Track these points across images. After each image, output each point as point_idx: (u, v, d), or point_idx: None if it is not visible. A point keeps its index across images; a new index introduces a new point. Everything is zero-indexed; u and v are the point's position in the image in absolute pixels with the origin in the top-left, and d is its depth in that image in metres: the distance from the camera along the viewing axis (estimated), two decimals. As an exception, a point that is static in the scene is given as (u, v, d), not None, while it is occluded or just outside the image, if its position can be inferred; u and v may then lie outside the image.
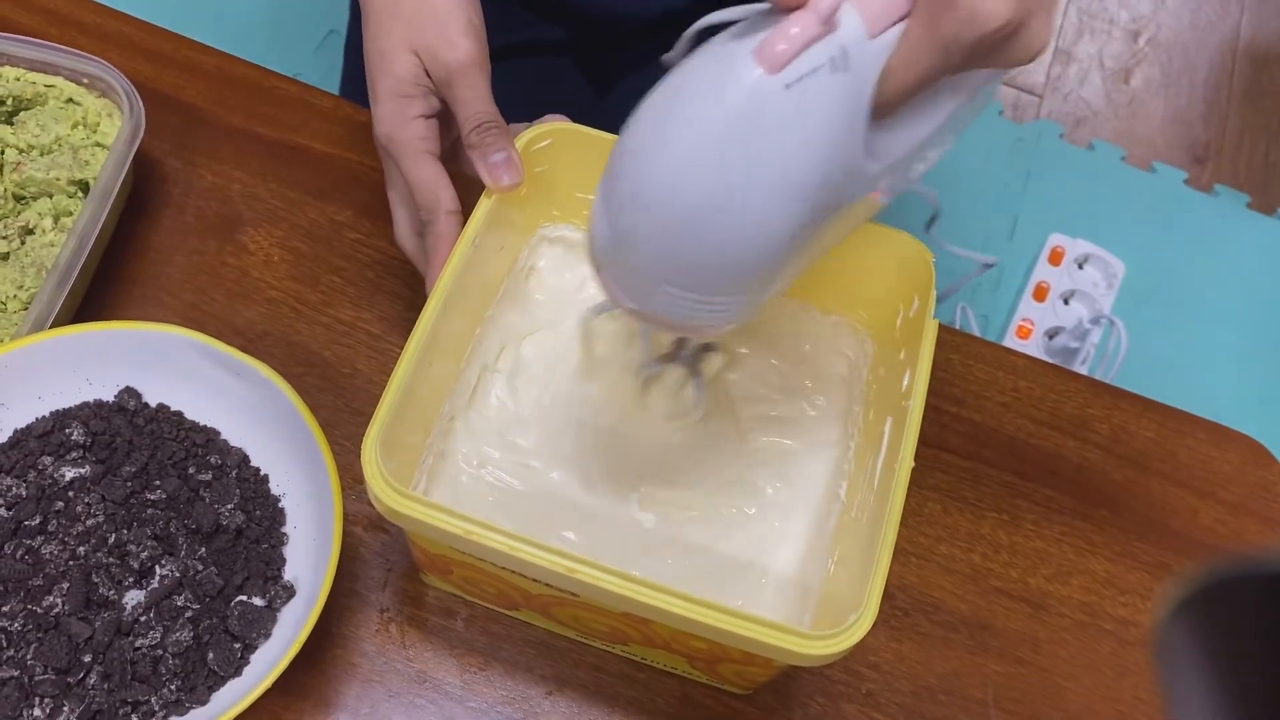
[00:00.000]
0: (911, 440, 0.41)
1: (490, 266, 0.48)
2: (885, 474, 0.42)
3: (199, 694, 0.41)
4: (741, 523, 0.47)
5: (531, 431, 0.47)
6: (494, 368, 0.48)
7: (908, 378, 0.44)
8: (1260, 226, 1.40)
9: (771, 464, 0.48)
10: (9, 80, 0.53)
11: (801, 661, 0.37)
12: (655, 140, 0.34)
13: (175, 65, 0.61)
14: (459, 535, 0.37)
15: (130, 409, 0.47)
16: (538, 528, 0.44)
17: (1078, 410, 0.57)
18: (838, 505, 0.47)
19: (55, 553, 0.43)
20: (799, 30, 0.31)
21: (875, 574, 0.38)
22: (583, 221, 0.51)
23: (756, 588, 0.45)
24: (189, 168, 0.58)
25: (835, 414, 0.49)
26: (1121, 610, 0.52)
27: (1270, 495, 0.57)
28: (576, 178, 0.49)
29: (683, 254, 0.35)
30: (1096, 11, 1.60)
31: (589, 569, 0.37)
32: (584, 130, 0.48)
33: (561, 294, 0.51)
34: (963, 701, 0.49)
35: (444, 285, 0.42)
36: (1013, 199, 1.36)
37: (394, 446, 0.40)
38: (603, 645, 0.46)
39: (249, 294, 0.55)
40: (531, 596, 0.43)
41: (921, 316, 0.45)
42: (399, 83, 0.46)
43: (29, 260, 0.49)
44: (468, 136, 0.46)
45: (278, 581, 0.44)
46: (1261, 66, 1.57)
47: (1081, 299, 1.22)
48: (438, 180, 0.46)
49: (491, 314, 0.49)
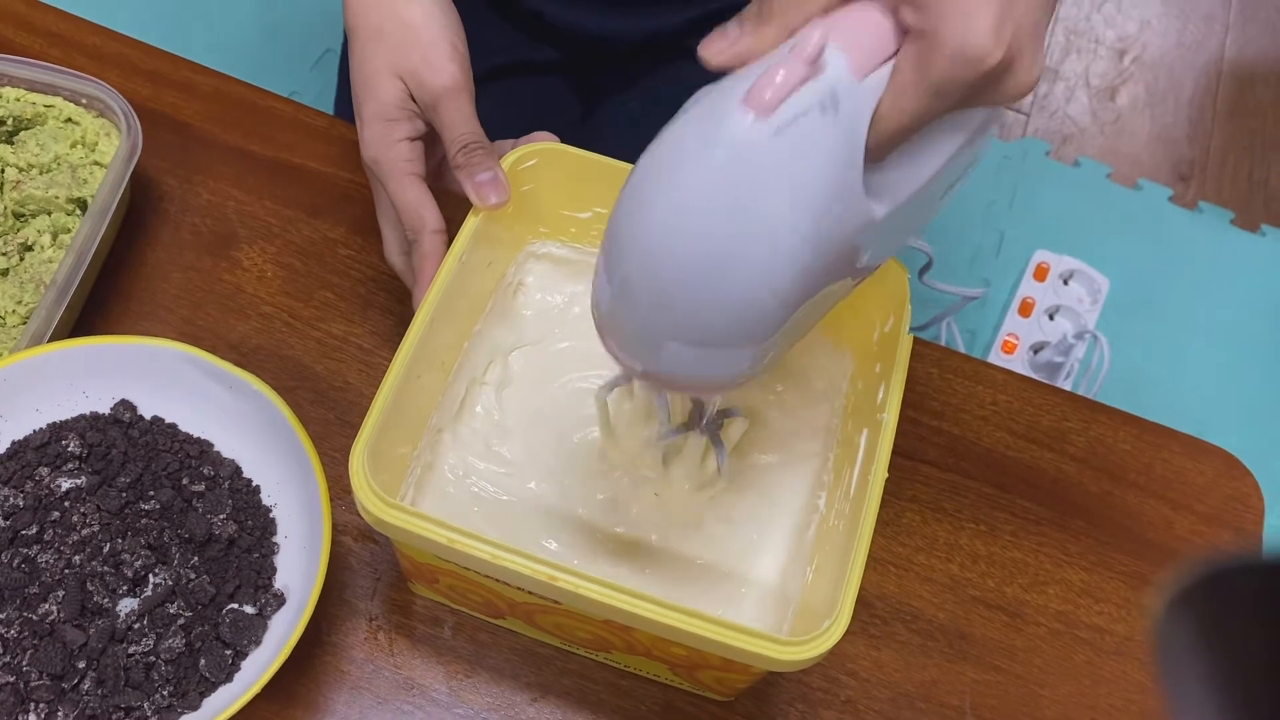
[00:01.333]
0: (886, 451, 0.42)
1: (478, 282, 0.49)
2: (861, 483, 0.43)
3: (191, 699, 0.42)
4: (722, 534, 0.48)
5: (517, 443, 0.48)
6: (482, 380, 0.49)
7: (883, 391, 0.45)
8: (1244, 243, 1.42)
9: (752, 477, 0.49)
10: (9, 100, 0.54)
11: (776, 667, 0.38)
12: (651, 194, 0.33)
13: (173, 85, 0.63)
14: (443, 544, 0.38)
15: (125, 421, 0.48)
16: (522, 537, 0.45)
17: (1055, 423, 0.59)
18: (816, 515, 0.48)
19: (51, 561, 0.44)
20: (785, 74, 0.31)
21: (849, 580, 0.39)
22: (568, 238, 0.53)
23: (736, 597, 0.46)
24: (185, 186, 0.60)
25: (815, 428, 0.50)
26: (1097, 619, 0.53)
27: (1244, 506, 0.58)
28: (562, 195, 0.51)
29: (684, 307, 0.34)
30: (1083, 30, 1.62)
31: (570, 576, 0.38)
32: (568, 149, 0.49)
33: (549, 309, 0.52)
34: (940, 709, 0.50)
35: (431, 300, 0.43)
36: (999, 215, 1.38)
37: (382, 457, 0.42)
38: (586, 653, 0.47)
39: (243, 309, 0.56)
40: (516, 604, 0.44)
41: (896, 332, 0.46)
42: (384, 107, 0.48)
43: (28, 276, 0.50)
44: (454, 157, 0.47)
45: (268, 590, 0.45)
46: (1245, 86, 1.59)
47: (1066, 314, 1.23)
48: (422, 200, 0.48)
49: (479, 328, 0.50)
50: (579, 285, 0.53)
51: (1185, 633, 0.19)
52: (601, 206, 0.51)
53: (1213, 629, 0.19)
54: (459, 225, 0.47)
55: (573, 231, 0.52)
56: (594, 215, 0.51)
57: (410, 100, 0.48)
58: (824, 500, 0.48)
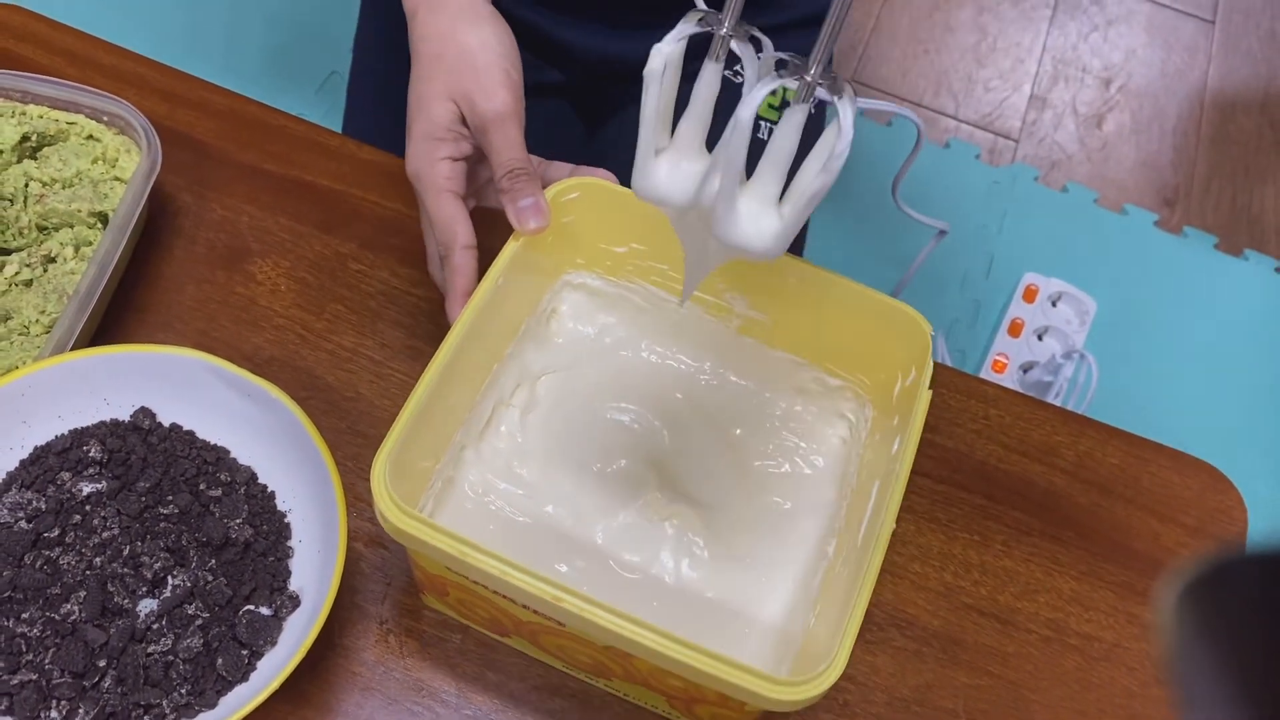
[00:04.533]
0: (895, 503, 0.43)
1: (513, 306, 0.50)
2: (868, 533, 0.43)
3: (208, 698, 0.43)
4: (731, 573, 0.48)
5: (537, 466, 0.49)
6: (508, 402, 0.50)
7: (898, 443, 0.45)
8: (1227, 267, 1.45)
9: (766, 520, 0.50)
10: (33, 117, 0.56)
11: (770, 705, 0.38)
12: None
13: (188, 104, 0.65)
14: (455, 556, 0.39)
15: (145, 428, 0.49)
16: (535, 559, 0.46)
17: (1045, 437, 0.60)
18: (824, 562, 0.48)
19: (72, 563, 0.45)
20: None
21: (847, 628, 0.39)
22: (605, 270, 0.54)
23: (740, 635, 0.46)
24: (200, 202, 0.61)
25: (833, 476, 0.51)
26: (1086, 627, 0.55)
27: (1228, 519, 0.60)
28: (602, 229, 0.52)
29: None
30: (1070, 60, 1.66)
31: (574, 599, 0.38)
32: (611, 187, 0.51)
33: (580, 339, 0.53)
34: (934, 712, 0.51)
35: (466, 318, 0.45)
36: (989, 239, 1.40)
37: (405, 469, 0.43)
38: (587, 678, 0.48)
39: (257, 321, 0.57)
40: (521, 623, 0.44)
41: (916, 385, 0.47)
42: (433, 126, 0.50)
43: (51, 287, 0.52)
44: (500, 181, 0.49)
45: (283, 592, 0.46)
46: (1228, 114, 1.63)
47: (1055, 335, 1.26)
48: (456, 217, 0.49)
49: (511, 351, 0.51)
50: (611, 317, 0.54)
51: (1193, 625, 0.19)
52: (638, 243, 0.52)
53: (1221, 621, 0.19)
54: (497, 252, 0.48)
55: (608, 264, 0.54)
56: (629, 250, 0.53)
57: (461, 123, 0.50)
58: (833, 548, 0.48)
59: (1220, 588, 0.19)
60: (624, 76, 0.74)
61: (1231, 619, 0.19)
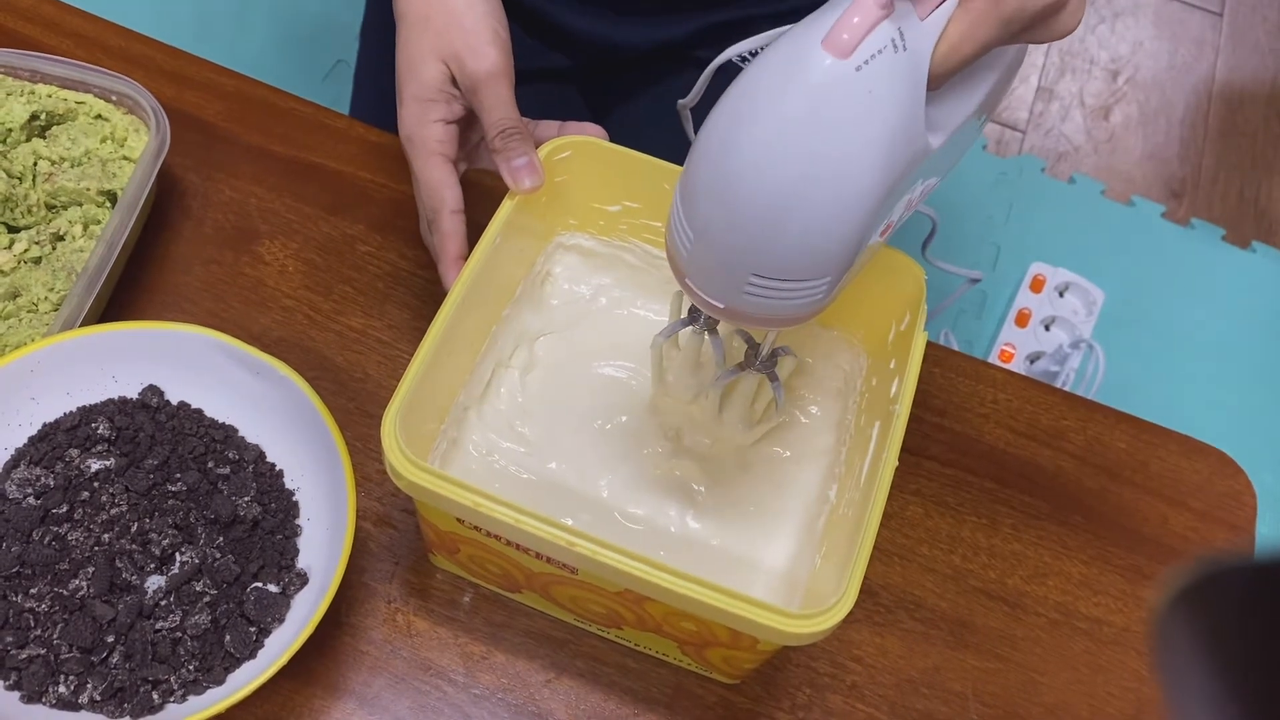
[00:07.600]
0: (896, 441, 0.43)
1: (508, 269, 0.51)
2: (871, 471, 0.44)
3: (216, 674, 0.43)
4: (734, 522, 0.49)
5: (538, 425, 0.49)
6: (507, 364, 0.51)
7: (896, 385, 0.46)
8: (1234, 259, 1.44)
9: (767, 469, 0.50)
10: (43, 97, 0.56)
11: (783, 640, 0.39)
12: (736, 135, 0.35)
13: (196, 86, 0.64)
14: (468, 507, 0.39)
15: (153, 405, 0.49)
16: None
17: (1053, 422, 0.60)
18: (827, 506, 0.49)
19: (81, 539, 0.45)
20: (860, 18, 0.34)
21: (857, 560, 0.40)
22: (597, 230, 0.54)
23: (746, 582, 0.47)
24: (208, 183, 0.61)
25: (830, 424, 0.52)
26: (1095, 610, 0.54)
27: (1237, 504, 0.60)
28: (592, 188, 0.52)
29: (769, 240, 0.36)
30: (1077, 51, 1.65)
31: (587, 542, 0.39)
32: (602, 144, 0.51)
33: (575, 299, 0.54)
34: (943, 694, 0.51)
35: (462, 283, 0.45)
36: (996, 230, 1.40)
37: (411, 432, 0.43)
38: (598, 629, 0.49)
39: (265, 302, 0.57)
40: (533, 575, 0.45)
41: (911, 330, 0.47)
42: (423, 88, 0.49)
43: (60, 264, 0.52)
44: (492, 141, 0.49)
45: (291, 570, 0.46)
46: (1235, 107, 1.62)
47: (1062, 325, 1.25)
48: (445, 181, 0.49)
49: (507, 314, 0.51)
50: (605, 277, 0.55)
51: (1185, 631, 0.19)
52: (631, 200, 0.52)
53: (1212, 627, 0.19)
54: (484, 222, 0.48)
55: (601, 224, 0.54)
56: (622, 209, 0.53)
57: (451, 84, 0.50)
58: (835, 492, 0.49)
59: (1210, 596, 0.19)
60: (628, 63, 0.74)
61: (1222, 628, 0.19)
